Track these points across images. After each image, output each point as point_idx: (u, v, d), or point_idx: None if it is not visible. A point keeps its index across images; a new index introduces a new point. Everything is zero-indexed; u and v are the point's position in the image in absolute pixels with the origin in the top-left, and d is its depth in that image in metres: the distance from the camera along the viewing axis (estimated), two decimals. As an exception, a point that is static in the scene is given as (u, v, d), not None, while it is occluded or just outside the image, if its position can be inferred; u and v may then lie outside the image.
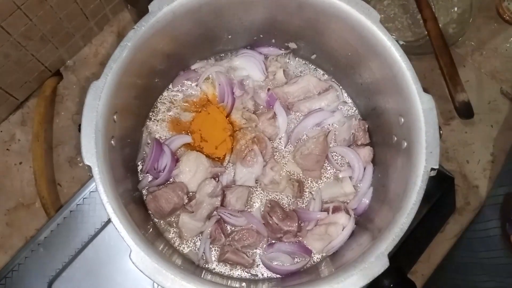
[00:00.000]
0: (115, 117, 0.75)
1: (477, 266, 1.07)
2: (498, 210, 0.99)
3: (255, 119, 0.94)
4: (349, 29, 0.79)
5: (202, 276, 0.81)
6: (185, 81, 0.97)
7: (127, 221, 0.67)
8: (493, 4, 1.21)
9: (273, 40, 0.97)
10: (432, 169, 0.71)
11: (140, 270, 0.65)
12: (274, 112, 0.94)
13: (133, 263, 0.65)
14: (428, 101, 0.73)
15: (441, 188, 1.02)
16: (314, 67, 1.00)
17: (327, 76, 1.00)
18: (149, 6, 0.74)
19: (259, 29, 0.92)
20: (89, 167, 0.68)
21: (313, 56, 0.97)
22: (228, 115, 0.95)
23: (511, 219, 0.90)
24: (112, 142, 0.75)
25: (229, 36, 0.91)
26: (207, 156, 0.91)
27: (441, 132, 0.73)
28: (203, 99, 0.96)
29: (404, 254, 0.90)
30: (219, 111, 0.94)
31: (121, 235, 0.66)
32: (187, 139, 0.93)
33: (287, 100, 0.96)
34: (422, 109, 0.73)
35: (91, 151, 0.68)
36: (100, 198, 0.67)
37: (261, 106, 0.97)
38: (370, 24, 0.75)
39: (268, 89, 0.96)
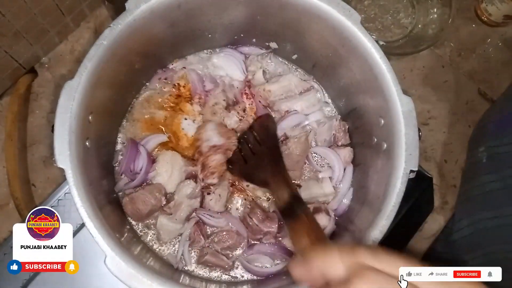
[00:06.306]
0: (90, 117, 0.73)
1: None
2: None
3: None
4: (330, 30, 0.78)
5: (180, 280, 0.80)
6: (163, 80, 0.95)
7: (102, 225, 0.65)
8: (472, 5, 1.22)
9: (254, 40, 0.96)
10: (412, 171, 0.71)
11: (115, 276, 0.63)
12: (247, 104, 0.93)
13: (108, 268, 0.63)
14: (407, 103, 0.72)
15: (419, 188, 1.02)
16: (295, 67, 0.99)
17: (308, 76, 0.99)
18: (126, 4, 0.72)
19: (239, 28, 0.91)
20: (63, 170, 0.66)
21: (294, 56, 0.96)
22: (202, 112, 0.94)
23: None
24: (87, 143, 0.72)
25: (209, 35, 0.90)
26: (182, 155, 0.90)
27: (420, 134, 0.73)
28: (177, 97, 0.95)
29: (383, 255, 0.90)
30: (193, 108, 0.93)
31: (96, 240, 0.64)
32: (163, 138, 0.91)
33: (268, 98, 0.95)
34: (401, 111, 0.72)
35: (65, 153, 0.65)
36: (74, 202, 0.65)
37: (234, 100, 0.95)
38: (351, 25, 0.75)
39: (248, 84, 0.95)
